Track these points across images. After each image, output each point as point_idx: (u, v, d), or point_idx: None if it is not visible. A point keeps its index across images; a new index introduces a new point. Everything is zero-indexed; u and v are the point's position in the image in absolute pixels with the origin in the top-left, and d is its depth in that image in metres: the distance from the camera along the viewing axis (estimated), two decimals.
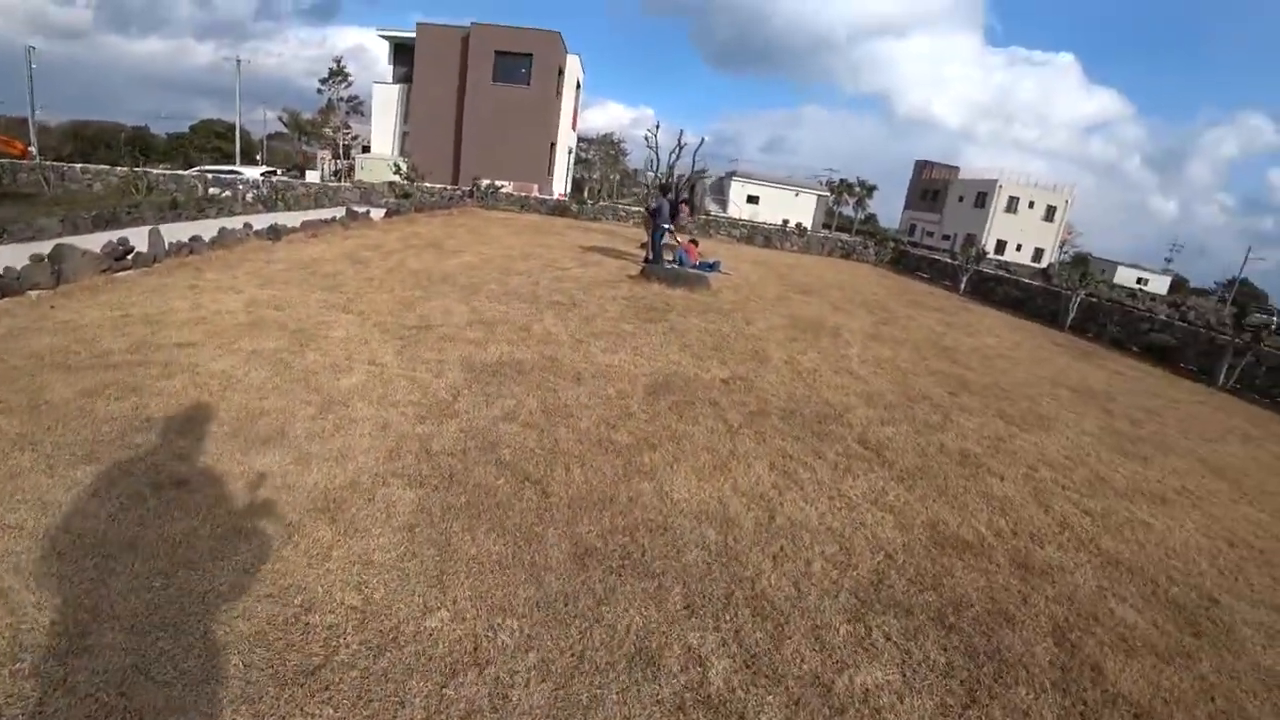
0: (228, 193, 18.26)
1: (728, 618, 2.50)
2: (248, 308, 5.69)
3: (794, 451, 4.14)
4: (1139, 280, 61.67)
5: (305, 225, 10.85)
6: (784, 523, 3.27)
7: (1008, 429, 5.37)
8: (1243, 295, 70.30)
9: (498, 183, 24.92)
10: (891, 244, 25.93)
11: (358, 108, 36.05)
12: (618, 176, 61.11)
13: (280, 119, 42.31)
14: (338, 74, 35.27)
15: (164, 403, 3.63)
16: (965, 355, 8.51)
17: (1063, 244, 64.82)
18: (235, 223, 9.56)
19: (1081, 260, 69.54)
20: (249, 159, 47.59)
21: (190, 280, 6.47)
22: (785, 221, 28.22)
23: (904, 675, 2.34)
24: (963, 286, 19.37)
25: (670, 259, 11.22)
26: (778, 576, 2.81)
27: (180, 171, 23.78)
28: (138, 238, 6.99)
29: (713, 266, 11.83)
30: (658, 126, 15.81)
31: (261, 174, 20.82)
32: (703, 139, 15.71)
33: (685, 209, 11.07)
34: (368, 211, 13.78)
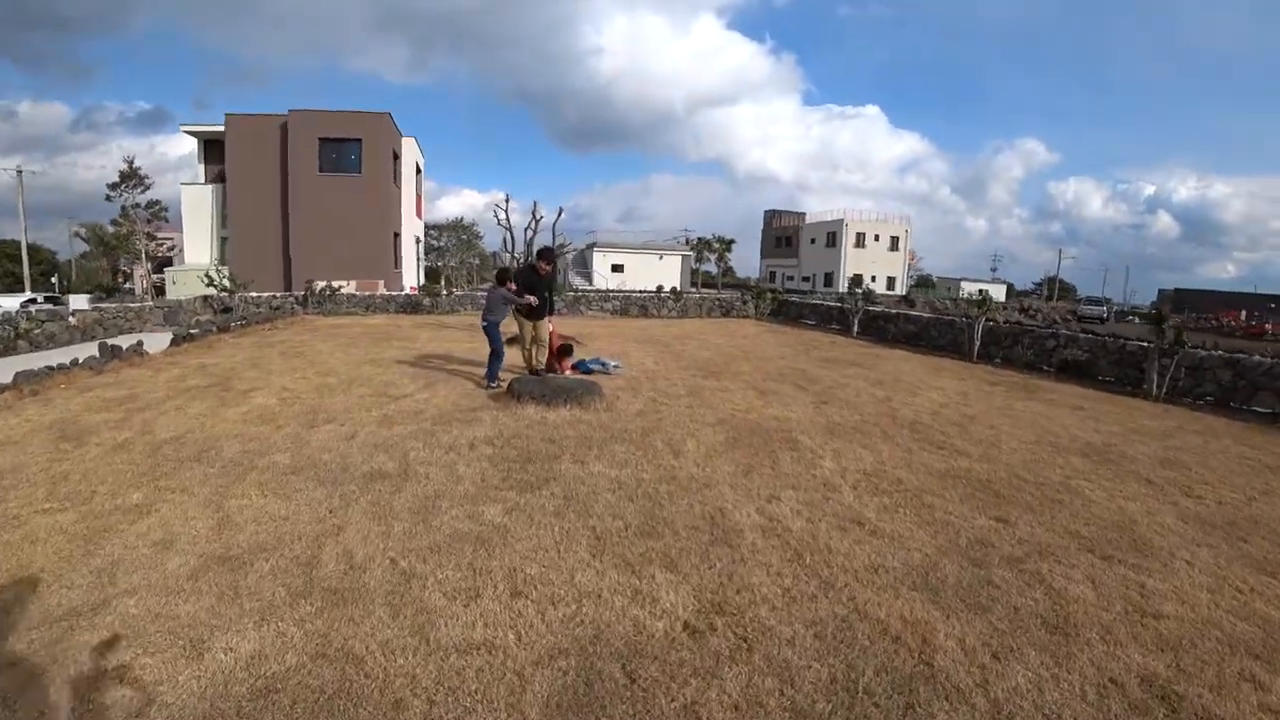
0: None
1: None
2: None
3: None
4: (980, 291, 66.28)
5: (21, 378, 7.54)
6: None
7: (1135, 585, 3.32)
8: (1059, 290, 78.02)
9: (335, 283, 21.71)
10: (770, 295, 25.06)
11: (160, 214, 31.43)
12: (476, 261, 58.46)
13: (78, 234, 36.33)
14: (130, 177, 30.56)
15: None
16: (937, 429, 6.70)
17: (910, 269, 69.13)
18: None
19: (925, 281, 74.90)
20: (44, 284, 40.84)
21: None
22: (660, 287, 26.80)
23: None
24: (855, 329, 18.41)
25: (537, 364, 9.02)
26: None
27: None
28: None
29: (609, 365, 9.71)
30: (507, 200, 13.64)
31: (22, 303, 16.55)
32: (560, 210, 13.87)
33: (545, 266, 8.61)
34: (139, 344, 10.46)
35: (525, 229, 13.54)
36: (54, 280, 39.01)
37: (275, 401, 7.13)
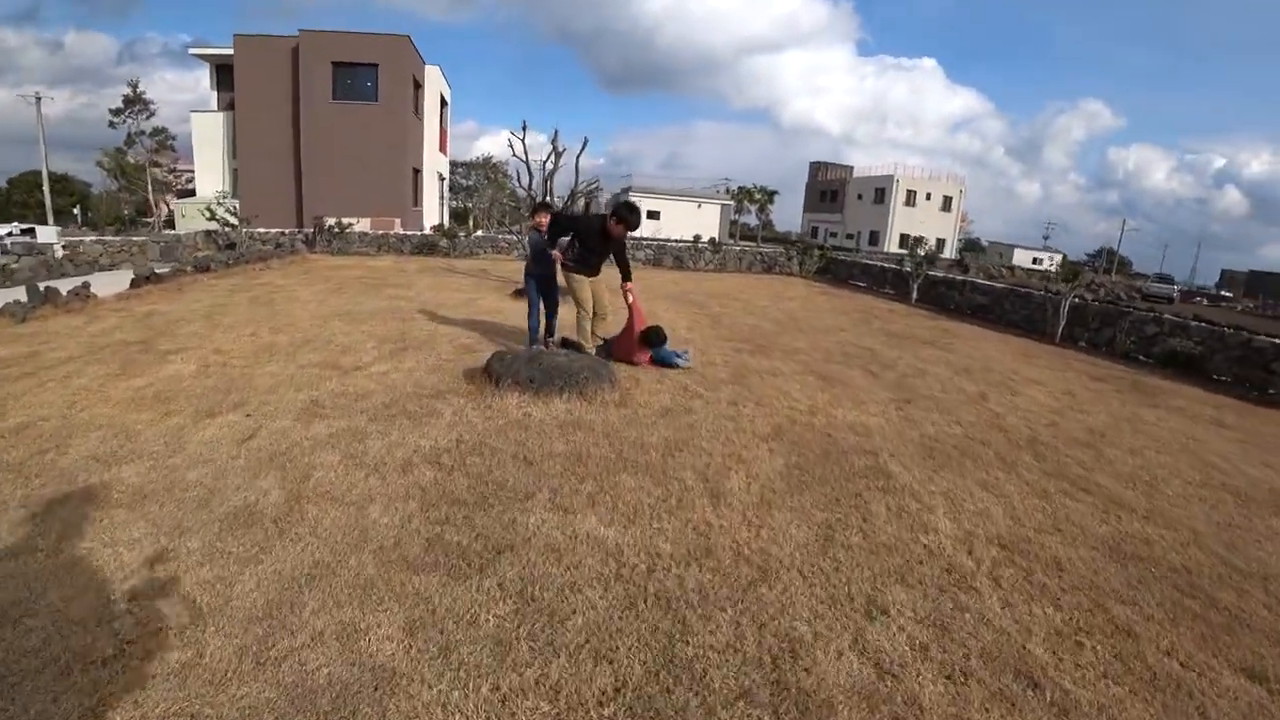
0: None
1: None
2: None
3: None
4: (1034, 261, 62.37)
5: None
6: None
7: None
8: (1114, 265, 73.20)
9: (345, 220, 20.04)
10: (818, 252, 22.76)
11: (166, 142, 29.90)
12: (510, 203, 56.01)
13: (100, 164, 35.19)
14: (134, 102, 28.92)
15: None
16: (1064, 452, 4.86)
17: (960, 231, 65.25)
18: None
19: (973, 245, 70.55)
20: (69, 216, 40.08)
21: None
22: (697, 237, 24.63)
23: None
24: (914, 295, 16.23)
25: (588, 343, 6.34)
26: None
27: None
28: None
29: (678, 357, 6.56)
30: (524, 128, 11.56)
31: (12, 232, 15.29)
32: (585, 141, 11.63)
33: (618, 227, 6.01)
34: (85, 286, 8.93)
35: (544, 162, 11.55)
36: (75, 211, 38.17)
37: (192, 370, 5.48)
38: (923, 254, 17.13)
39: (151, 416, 4.35)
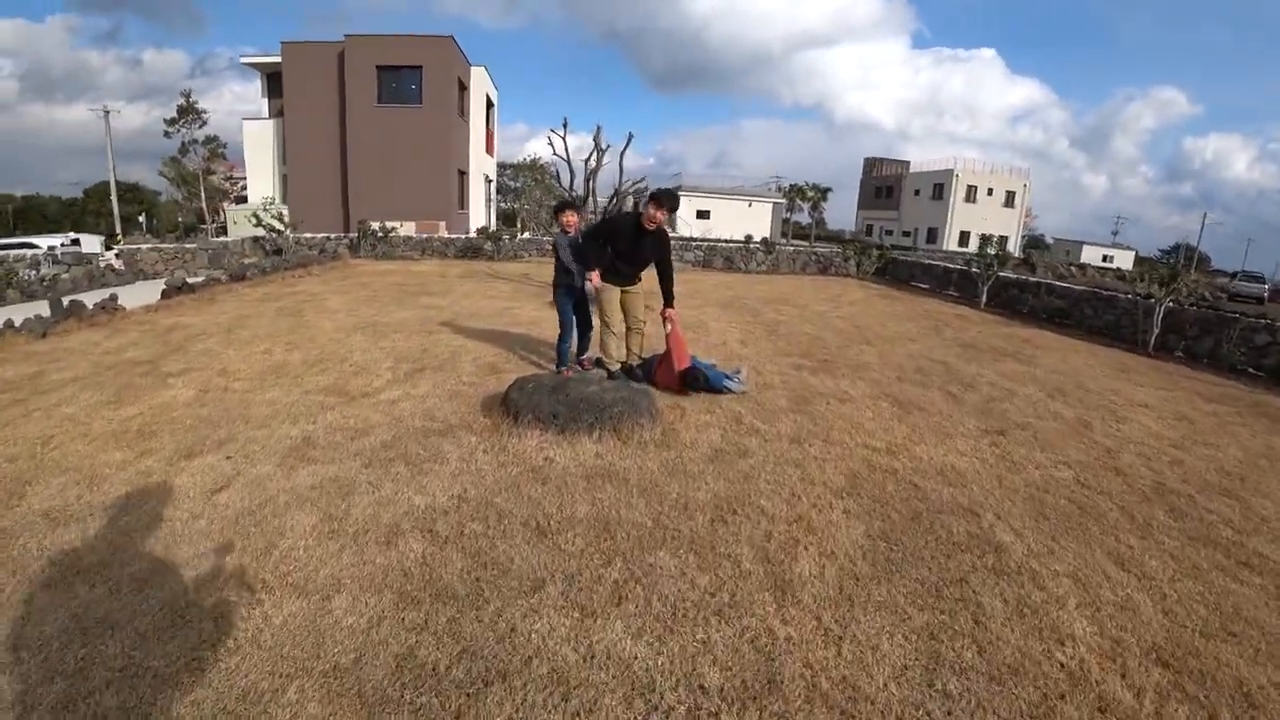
0: None
1: None
2: None
3: None
4: (1104, 258, 58.88)
5: None
6: None
7: None
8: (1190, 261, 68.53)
9: (389, 224, 19.83)
10: (876, 252, 21.54)
11: (218, 150, 30.47)
12: (555, 203, 55.45)
13: (162, 173, 36.35)
14: (188, 111, 29.55)
15: None
16: (1206, 509, 3.85)
17: (1023, 228, 62.12)
18: None
19: (1037, 242, 66.90)
20: (135, 224, 41.50)
21: None
22: (749, 237, 23.67)
23: None
24: (984, 299, 14.97)
25: (611, 361, 5.50)
26: None
27: None
28: None
29: (729, 379, 5.57)
30: (565, 124, 10.91)
31: (64, 243, 15.50)
32: (630, 137, 10.90)
33: (658, 213, 5.05)
34: (113, 298, 8.66)
35: (586, 159, 10.88)
36: (139, 219, 39.48)
37: (188, 396, 4.96)
38: (994, 253, 15.85)
39: (126, 457, 3.80)
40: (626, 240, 5.18)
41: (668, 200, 5.03)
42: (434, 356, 6.32)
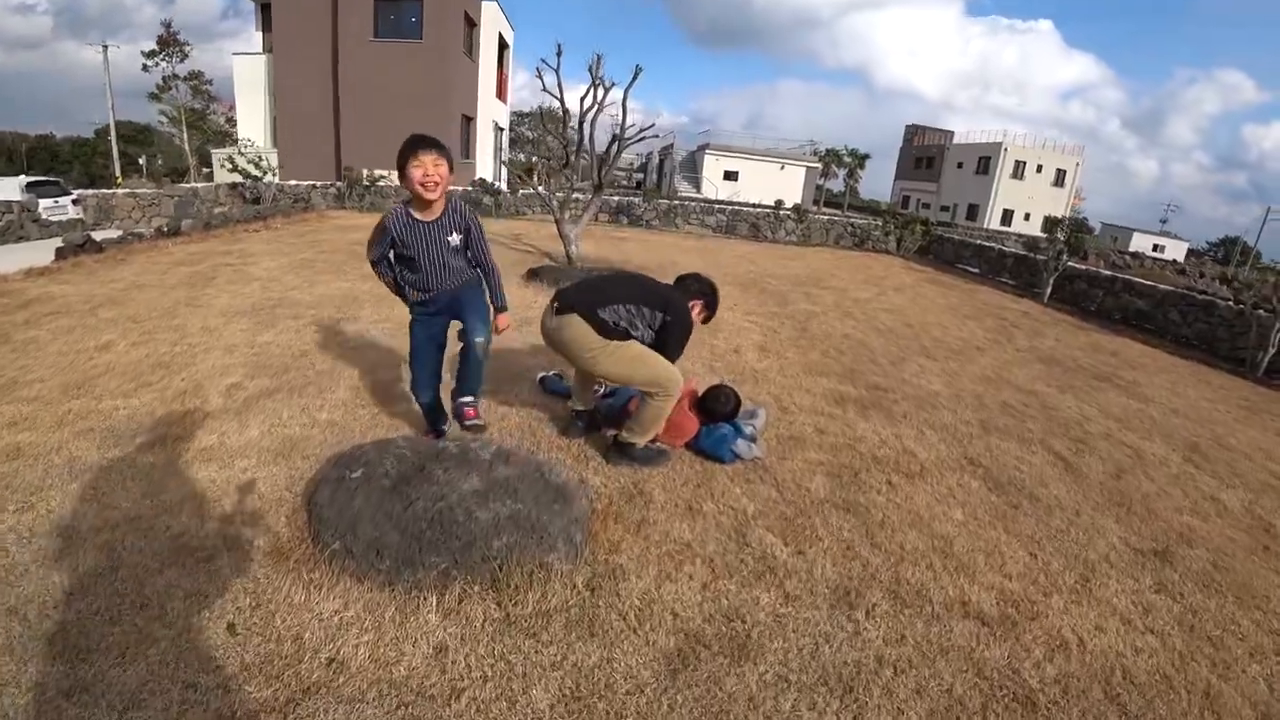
0: None
1: None
2: None
3: None
4: (1155, 247, 55.08)
5: None
6: None
7: None
8: (1240, 256, 64.06)
9: (377, 173, 17.86)
10: (920, 227, 19.19)
11: (201, 87, 28.26)
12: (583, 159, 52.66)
13: (161, 113, 34.19)
14: (167, 44, 27.23)
15: None
16: None
17: (1071, 210, 58.29)
18: None
19: (1080, 226, 62.72)
20: (135, 166, 39.84)
21: None
22: (779, 202, 21.36)
23: None
24: (1048, 292, 12.75)
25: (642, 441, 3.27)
26: None
27: None
28: None
29: (740, 439, 3.46)
30: (559, 51, 8.70)
31: (26, 185, 13.80)
32: (638, 70, 8.74)
33: (701, 316, 3.52)
34: None
35: (582, 97, 8.80)
36: (140, 161, 37.71)
37: None
38: (1063, 239, 13.57)
39: None
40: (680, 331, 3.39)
41: (716, 303, 3.65)
42: (310, 365, 4.41)
